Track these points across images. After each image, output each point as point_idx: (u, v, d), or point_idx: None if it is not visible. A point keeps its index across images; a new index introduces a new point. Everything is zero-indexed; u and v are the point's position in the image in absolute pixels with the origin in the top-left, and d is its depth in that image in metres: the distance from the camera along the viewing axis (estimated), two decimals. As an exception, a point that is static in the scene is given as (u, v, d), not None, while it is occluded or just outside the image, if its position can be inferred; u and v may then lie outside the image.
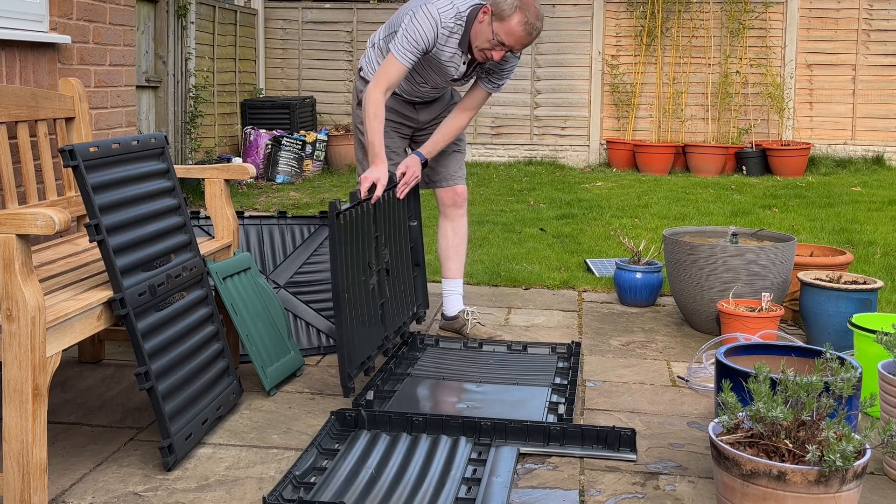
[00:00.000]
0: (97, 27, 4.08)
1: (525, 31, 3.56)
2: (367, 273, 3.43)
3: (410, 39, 3.59)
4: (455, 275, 4.14)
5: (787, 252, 4.16)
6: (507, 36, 3.57)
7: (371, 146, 3.62)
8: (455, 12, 3.63)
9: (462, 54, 3.71)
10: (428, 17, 3.60)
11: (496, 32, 3.57)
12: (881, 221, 7.15)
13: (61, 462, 2.74)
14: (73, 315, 2.48)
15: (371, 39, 3.98)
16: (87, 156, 2.65)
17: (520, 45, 3.61)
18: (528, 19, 3.55)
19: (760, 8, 10.84)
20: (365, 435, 2.90)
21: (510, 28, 3.55)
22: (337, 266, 3.15)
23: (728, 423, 2.38)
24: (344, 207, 3.23)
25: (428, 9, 3.61)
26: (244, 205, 8.05)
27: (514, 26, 3.55)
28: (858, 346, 3.28)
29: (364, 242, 3.39)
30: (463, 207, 4.15)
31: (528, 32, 3.57)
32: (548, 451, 2.85)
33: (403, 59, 3.60)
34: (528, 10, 3.55)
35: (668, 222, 7.10)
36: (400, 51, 3.60)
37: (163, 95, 8.68)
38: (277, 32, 11.59)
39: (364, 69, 3.96)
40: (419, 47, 3.61)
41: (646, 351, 3.99)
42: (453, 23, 3.64)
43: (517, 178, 9.95)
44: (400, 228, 3.83)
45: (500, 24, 3.56)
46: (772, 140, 10.77)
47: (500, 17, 3.55)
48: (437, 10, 3.61)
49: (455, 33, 3.66)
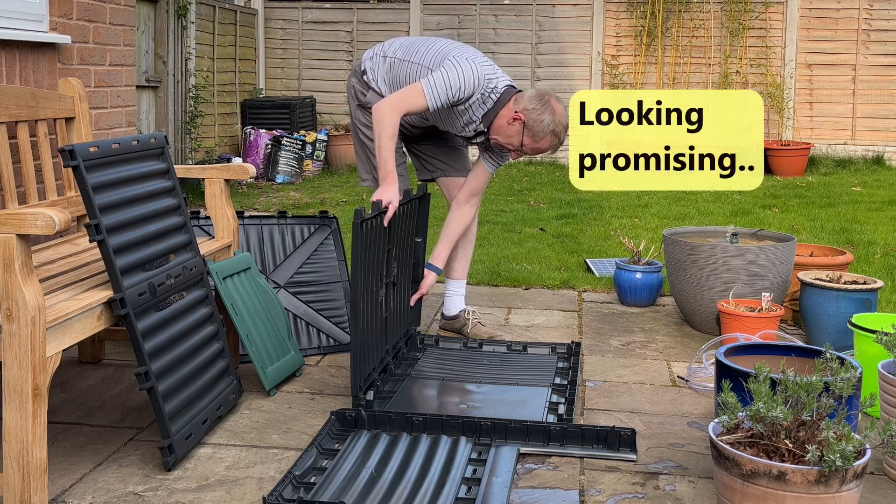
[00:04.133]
0: (97, 27, 4.08)
1: (550, 147, 3.64)
2: (378, 285, 3.41)
3: (447, 86, 3.50)
4: (460, 276, 4.13)
5: (787, 252, 4.16)
6: (532, 149, 3.64)
7: (383, 164, 3.50)
8: (493, 86, 3.59)
9: (479, 124, 3.68)
10: (473, 76, 3.53)
11: (525, 144, 3.62)
12: (881, 221, 7.15)
13: (61, 462, 2.74)
14: (73, 315, 2.48)
15: (382, 48, 3.87)
16: (87, 156, 2.65)
17: (537, 153, 3.69)
18: (558, 140, 3.62)
19: (760, 8, 10.84)
20: (365, 435, 2.90)
21: (540, 146, 3.63)
22: (358, 274, 3.11)
23: (728, 423, 2.38)
24: (368, 215, 3.21)
25: (474, 66, 3.54)
26: (244, 205, 8.05)
27: (544, 145, 3.62)
28: (858, 346, 3.28)
29: (379, 253, 3.37)
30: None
31: (552, 147, 3.65)
32: (548, 451, 2.85)
33: (431, 101, 3.50)
34: (559, 128, 3.59)
35: (668, 222, 7.10)
36: (432, 90, 3.49)
37: (163, 95, 8.68)
38: (277, 32, 11.59)
39: (368, 74, 3.86)
40: (451, 98, 3.52)
41: (646, 351, 3.99)
42: (488, 94, 3.60)
43: (517, 178, 9.95)
44: (408, 243, 3.80)
45: (531, 140, 3.60)
46: (772, 140, 10.77)
47: (533, 136, 3.59)
48: (482, 73, 3.55)
49: (485, 105, 3.62)
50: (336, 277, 4.02)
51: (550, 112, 3.57)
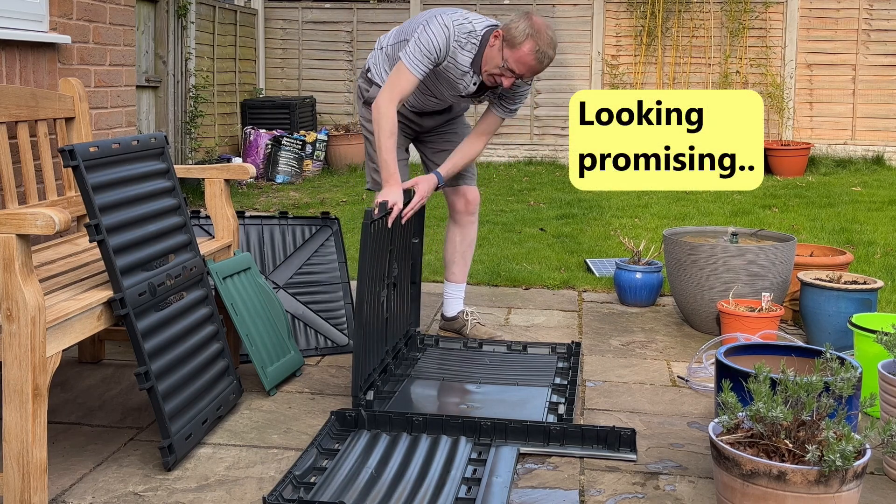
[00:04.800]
0: (97, 27, 4.08)
1: (536, 59, 3.43)
2: (381, 286, 3.41)
3: (423, 49, 3.46)
4: (459, 279, 4.13)
5: (787, 252, 4.16)
6: (518, 64, 3.45)
7: (385, 165, 3.48)
8: (469, 28, 3.52)
9: (473, 75, 3.59)
10: (441, 27, 3.48)
11: (506, 59, 3.45)
12: (881, 221, 7.15)
13: (61, 462, 2.74)
14: (73, 315, 2.48)
15: (379, 41, 3.87)
16: (87, 156, 2.65)
17: (530, 73, 3.49)
18: (539, 47, 3.41)
19: (760, 8, 10.84)
20: (365, 435, 2.90)
21: (521, 56, 3.43)
22: (365, 274, 3.11)
23: (728, 423, 2.38)
24: (377, 216, 3.20)
25: (442, 19, 3.51)
26: (244, 205, 8.05)
27: (525, 55, 3.42)
28: (858, 346, 3.28)
29: (382, 254, 3.37)
30: (474, 214, 4.05)
31: (539, 61, 3.45)
32: (548, 451, 2.85)
33: (415, 70, 3.47)
34: (541, 38, 3.42)
35: (668, 222, 7.10)
36: (411, 61, 3.47)
37: (163, 95, 8.68)
38: (277, 32, 11.59)
39: (371, 71, 3.85)
40: (431, 57, 3.48)
41: (646, 351, 3.99)
42: (466, 38, 3.51)
43: (517, 178, 9.95)
44: (407, 244, 3.80)
45: (510, 51, 3.43)
46: (772, 140, 10.77)
47: (511, 44, 3.42)
48: (451, 21, 3.50)
49: (467, 50, 3.53)
50: (336, 279, 4.02)
51: (527, 21, 3.43)
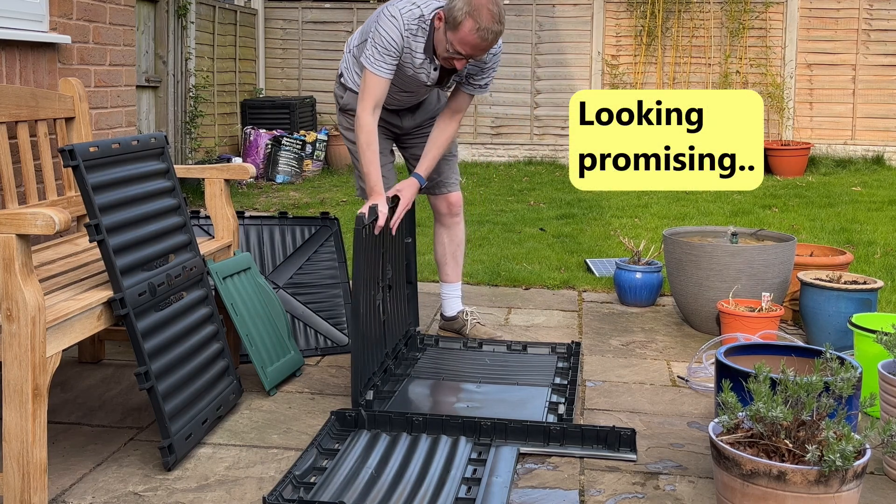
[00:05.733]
0: (97, 27, 4.08)
1: (479, 37, 3.29)
2: (376, 289, 3.41)
3: (380, 48, 3.38)
4: (453, 279, 4.12)
5: (787, 252, 4.16)
6: (461, 45, 3.32)
7: (367, 177, 3.44)
8: (418, 13, 3.40)
9: (431, 61, 3.49)
10: (390, 19, 3.38)
11: (450, 41, 3.33)
12: (881, 221, 7.15)
13: (61, 462, 2.74)
14: (73, 315, 2.48)
15: (348, 43, 3.80)
16: (87, 156, 2.65)
17: (477, 52, 3.36)
18: (479, 25, 3.26)
19: (760, 8, 10.84)
20: (365, 435, 2.90)
21: (462, 37, 3.30)
22: (360, 279, 3.11)
23: (728, 423, 2.38)
24: (368, 220, 3.20)
25: (389, 10, 3.40)
26: (244, 205, 8.05)
27: (466, 34, 3.29)
28: (858, 346, 3.28)
29: (375, 257, 3.38)
30: (459, 215, 4.03)
31: (483, 38, 3.30)
32: (548, 451, 2.85)
33: (380, 72, 3.39)
34: (480, 15, 3.25)
35: (668, 222, 7.10)
36: (373, 64, 3.39)
37: (163, 95, 8.68)
38: (277, 32, 11.59)
39: (344, 76, 3.78)
40: (391, 53, 3.39)
41: (646, 351, 3.99)
42: (416, 25, 3.41)
43: (517, 178, 9.95)
44: (399, 245, 3.80)
45: (452, 33, 3.31)
46: (772, 140, 10.77)
47: (452, 26, 3.30)
48: (398, 10, 3.39)
49: (420, 37, 3.43)
50: (336, 279, 4.02)
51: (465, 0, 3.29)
